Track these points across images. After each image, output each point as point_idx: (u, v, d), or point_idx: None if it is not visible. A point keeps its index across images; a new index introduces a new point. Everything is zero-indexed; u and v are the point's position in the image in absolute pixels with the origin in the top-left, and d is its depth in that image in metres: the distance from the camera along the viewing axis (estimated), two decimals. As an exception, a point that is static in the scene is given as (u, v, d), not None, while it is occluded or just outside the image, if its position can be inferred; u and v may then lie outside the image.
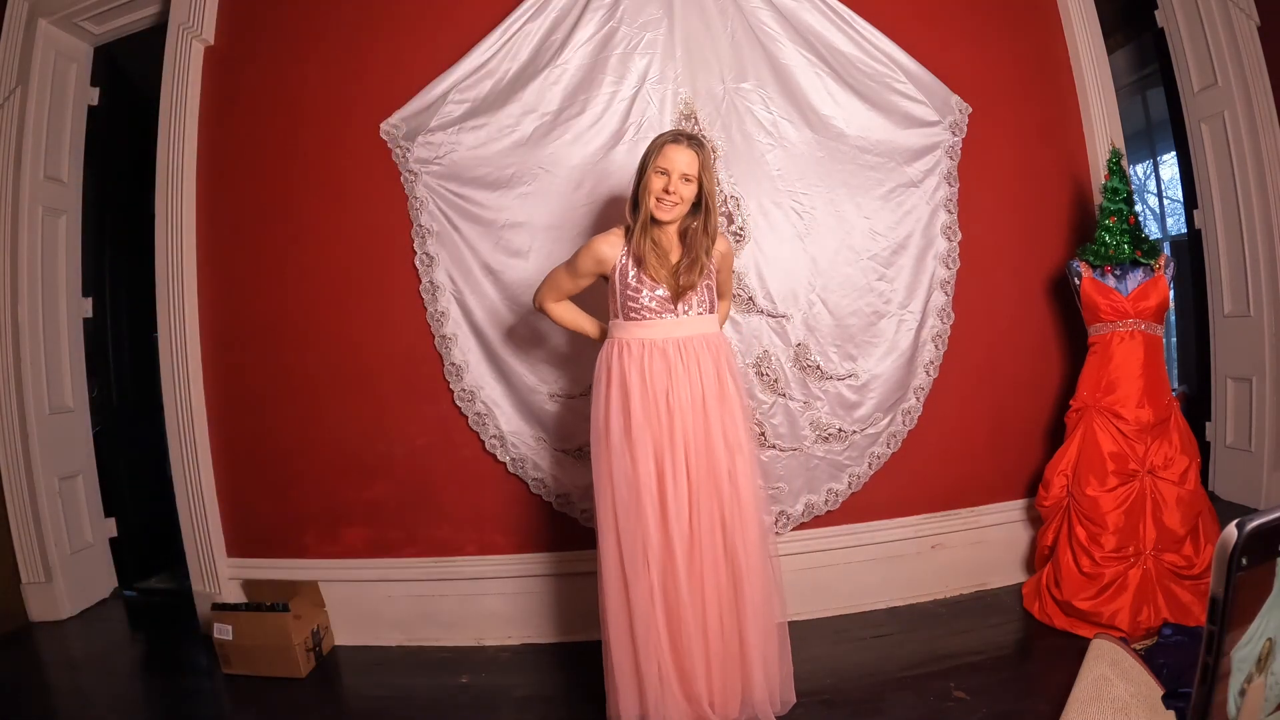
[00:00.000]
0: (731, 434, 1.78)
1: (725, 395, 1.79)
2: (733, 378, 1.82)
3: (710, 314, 1.84)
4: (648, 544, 1.71)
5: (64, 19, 2.95)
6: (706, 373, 1.77)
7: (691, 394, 1.76)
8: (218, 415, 2.68)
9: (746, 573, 1.76)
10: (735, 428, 1.79)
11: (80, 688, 2.43)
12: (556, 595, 2.50)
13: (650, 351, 1.77)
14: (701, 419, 1.75)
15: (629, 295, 1.79)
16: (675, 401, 1.75)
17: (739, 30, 2.43)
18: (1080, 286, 2.39)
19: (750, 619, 1.76)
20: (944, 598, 2.55)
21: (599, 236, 1.86)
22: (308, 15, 2.60)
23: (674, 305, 1.79)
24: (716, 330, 1.86)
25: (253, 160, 2.64)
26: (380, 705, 2.18)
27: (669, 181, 1.75)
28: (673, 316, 1.79)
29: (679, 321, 1.79)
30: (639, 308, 1.79)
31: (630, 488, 1.73)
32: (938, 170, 2.53)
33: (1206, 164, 3.07)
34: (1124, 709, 1.66)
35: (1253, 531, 0.43)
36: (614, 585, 1.75)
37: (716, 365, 1.80)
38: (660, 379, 1.75)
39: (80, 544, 3.06)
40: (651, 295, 1.78)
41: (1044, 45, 2.69)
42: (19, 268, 2.90)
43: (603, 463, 1.79)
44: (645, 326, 1.79)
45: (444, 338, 2.50)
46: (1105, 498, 2.25)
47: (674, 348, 1.77)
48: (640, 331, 1.79)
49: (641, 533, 1.72)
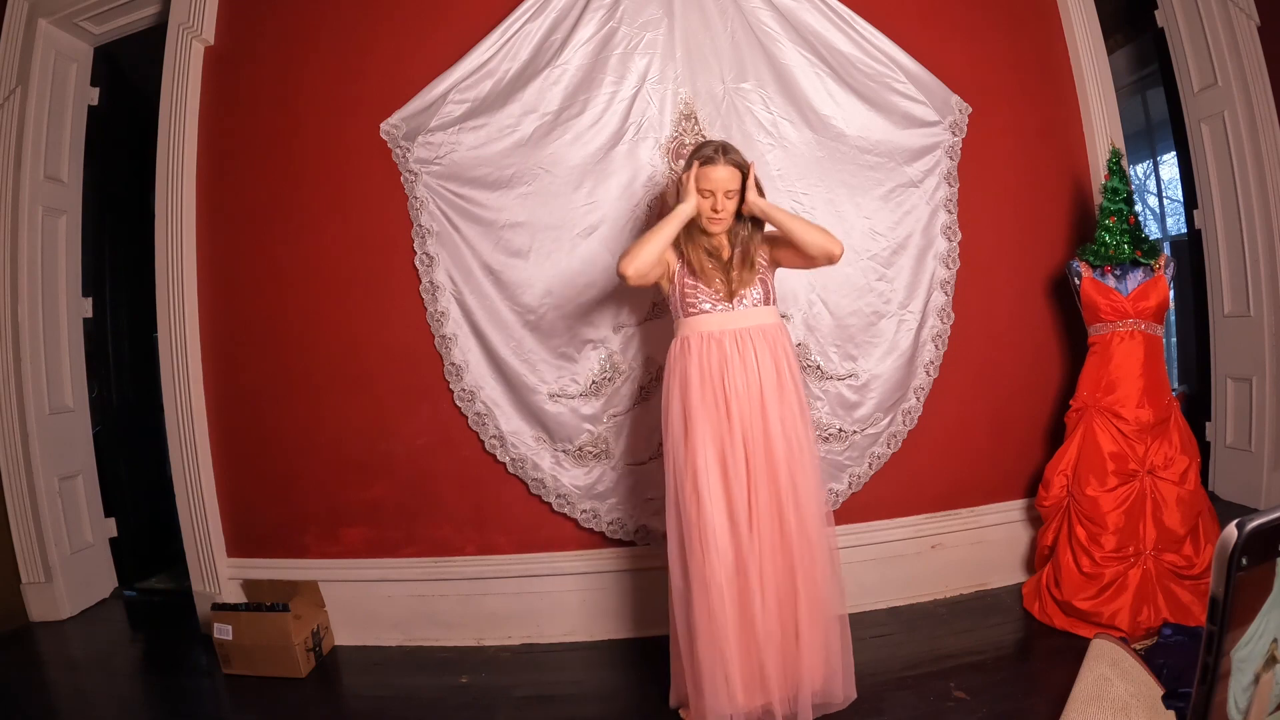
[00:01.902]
0: (790, 425, 1.80)
1: (783, 386, 1.81)
2: (790, 370, 1.84)
3: (767, 305, 1.87)
4: (705, 534, 1.74)
5: (64, 19, 2.95)
6: (764, 364, 1.80)
7: (748, 384, 1.79)
8: (218, 415, 2.69)
9: (804, 563, 1.77)
10: (793, 419, 1.81)
11: (80, 688, 2.43)
12: (557, 595, 2.50)
13: (708, 343, 1.81)
14: (759, 409, 1.78)
15: (687, 295, 1.86)
16: (732, 391, 1.78)
17: (739, 30, 2.43)
18: (1080, 286, 2.39)
19: (806, 610, 1.78)
20: (944, 598, 2.55)
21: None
22: (308, 15, 2.60)
23: (730, 299, 1.84)
24: (774, 322, 1.88)
25: (253, 160, 2.64)
26: (380, 705, 2.18)
27: (715, 201, 1.84)
28: (728, 308, 1.84)
29: (735, 313, 1.83)
30: (696, 303, 1.85)
31: (691, 479, 1.77)
32: (938, 170, 2.53)
33: (1206, 164, 3.07)
34: (1124, 709, 1.66)
35: (1253, 531, 0.43)
36: (676, 574, 1.80)
37: (774, 356, 1.82)
38: (717, 369, 1.79)
39: (80, 544, 3.06)
40: (708, 293, 1.85)
41: (1044, 45, 2.69)
42: (19, 268, 2.90)
43: (669, 458, 1.84)
44: (703, 320, 1.84)
45: (444, 338, 2.50)
46: (1105, 498, 2.25)
47: (730, 339, 1.81)
48: (700, 325, 1.84)
49: (701, 522, 1.75)
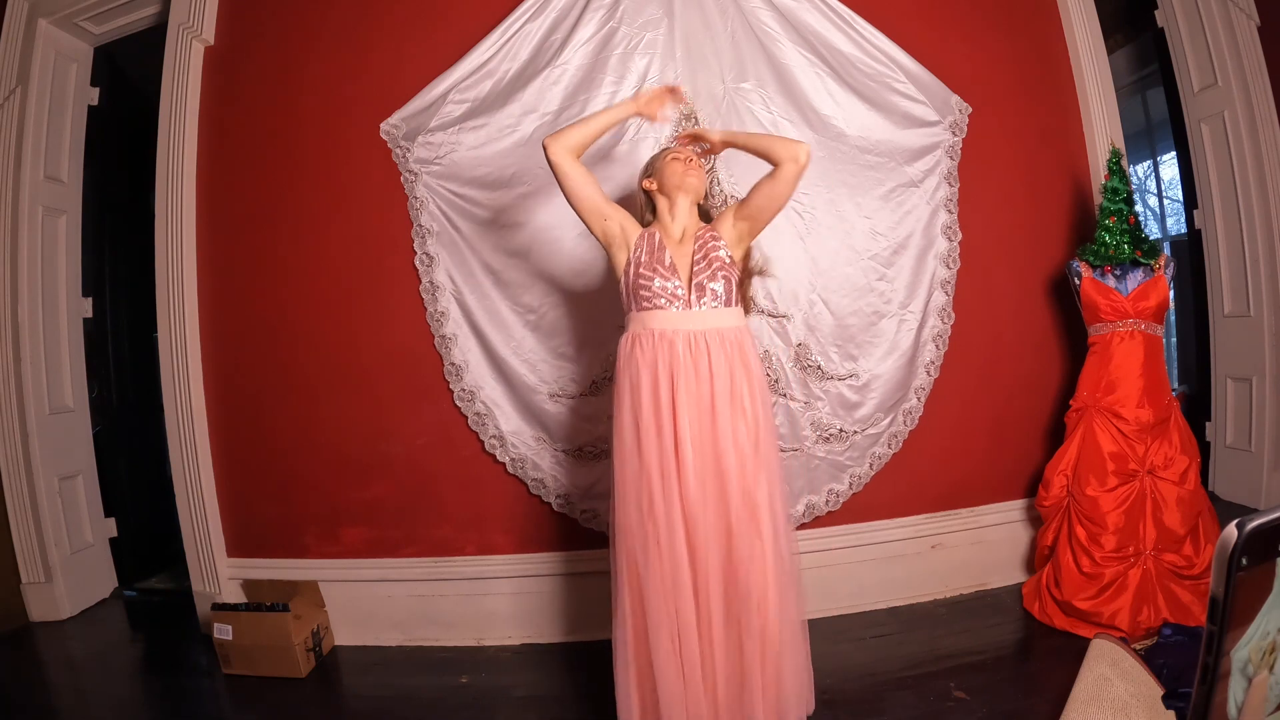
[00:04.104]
0: (743, 437, 1.65)
1: (736, 394, 1.66)
2: (748, 377, 1.69)
3: (729, 307, 1.73)
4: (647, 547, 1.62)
5: (64, 19, 2.95)
6: (718, 370, 1.66)
7: (698, 391, 1.64)
8: (218, 415, 2.69)
9: (755, 588, 1.61)
10: (750, 430, 1.66)
11: (80, 688, 2.43)
12: (556, 595, 2.50)
13: (659, 343, 1.67)
14: (709, 419, 1.64)
15: (641, 285, 1.72)
16: (681, 399, 1.63)
17: (739, 30, 2.43)
18: (1080, 286, 2.39)
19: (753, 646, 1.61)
20: (944, 598, 2.55)
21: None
22: (308, 15, 2.60)
23: (688, 295, 1.70)
24: (735, 325, 1.73)
25: (253, 160, 2.64)
26: (380, 705, 2.18)
27: (687, 159, 1.82)
28: (684, 307, 1.70)
29: (692, 314, 1.69)
30: (650, 297, 1.70)
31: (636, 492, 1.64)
32: (938, 170, 2.53)
33: (1206, 164, 3.07)
34: (1124, 709, 1.66)
35: (1253, 531, 0.43)
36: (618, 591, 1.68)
37: (729, 362, 1.67)
38: (667, 373, 1.65)
39: (80, 544, 3.06)
40: (664, 287, 1.70)
41: (1044, 45, 2.70)
42: (19, 268, 2.90)
43: (618, 463, 1.71)
44: (656, 316, 1.70)
45: (444, 338, 2.50)
46: (1105, 498, 2.25)
47: (684, 340, 1.67)
48: (651, 322, 1.70)
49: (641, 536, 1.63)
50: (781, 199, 1.77)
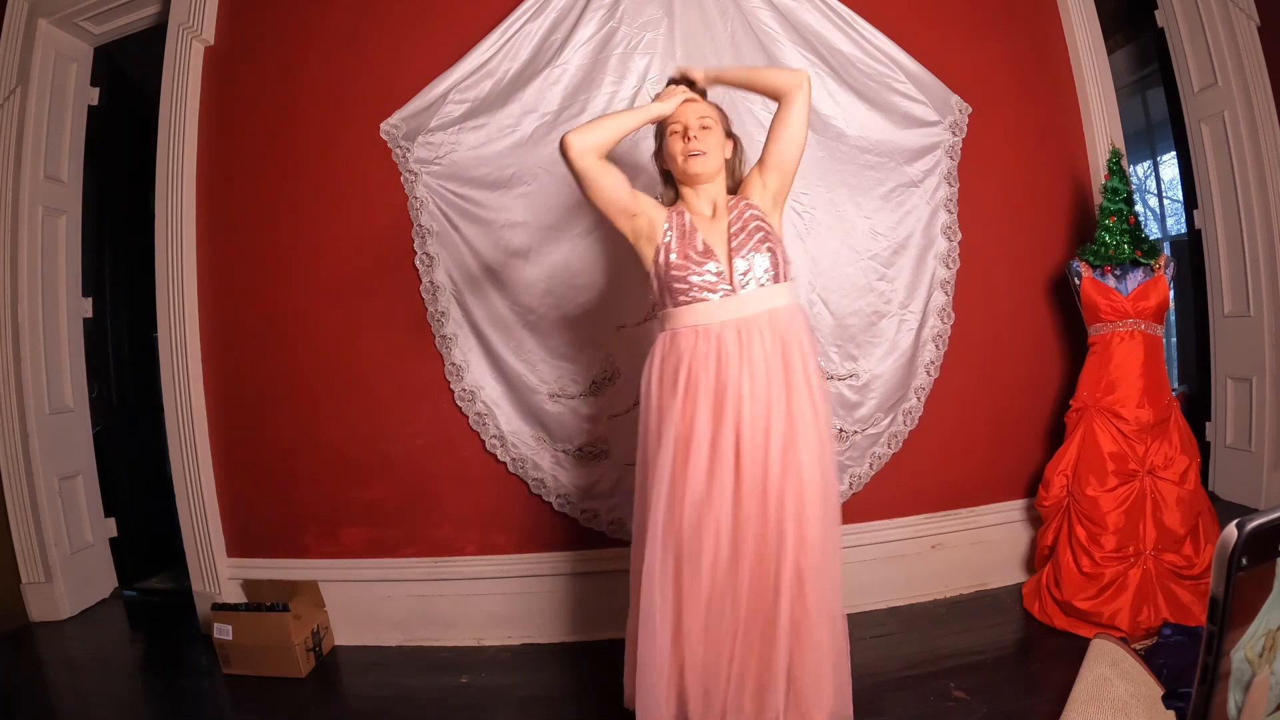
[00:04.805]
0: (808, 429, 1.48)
1: (792, 385, 1.48)
2: (806, 368, 1.50)
3: (778, 284, 1.53)
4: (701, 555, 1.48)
5: (64, 19, 2.95)
6: (772, 361, 1.48)
7: (752, 391, 1.47)
8: (218, 415, 2.68)
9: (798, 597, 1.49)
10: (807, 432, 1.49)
11: (80, 688, 2.43)
12: (557, 595, 2.50)
13: (703, 340, 1.50)
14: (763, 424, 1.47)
15: (675, 278, 1.54)
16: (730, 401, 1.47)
17: (739, 30, 2.43)
18: (1080, 286, 2.39)
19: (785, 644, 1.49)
20: (944, 598, 2.55)
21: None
22: (307, 15, 2.60)
23: (730, 277, 1.52)
24: (787, 303, 1.54)
25: (253, 160, 2.64)
26: (380, 705, 2.18)
27: (688, 132, 1.59)
28: (729, 292, 1.51)
29: (737, 298, 1.50)
30: (688, 289, 1.52)
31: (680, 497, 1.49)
32: (938, 170, 2.53)
33: (1206, 164, 3.07)
34: (1124, 709, 1.66)
35: (1253, 531, 0.43)
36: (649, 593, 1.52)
37: (786, 352, 1.49)
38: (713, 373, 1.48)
39: (80, 544, 3.06)
40: (701, 275, 1.52)
41: (1044, 45, 2.69)
42: (19, 268, 2.90)
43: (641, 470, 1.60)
44: (698, 310, 1.52)
45: (444, 338, 2.50)
46: (1105, 498, 2.25)
47: (732, 332, 1.49)
48: (692, 317, 1.53)
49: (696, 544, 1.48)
50: (800, 134, 1.61)
